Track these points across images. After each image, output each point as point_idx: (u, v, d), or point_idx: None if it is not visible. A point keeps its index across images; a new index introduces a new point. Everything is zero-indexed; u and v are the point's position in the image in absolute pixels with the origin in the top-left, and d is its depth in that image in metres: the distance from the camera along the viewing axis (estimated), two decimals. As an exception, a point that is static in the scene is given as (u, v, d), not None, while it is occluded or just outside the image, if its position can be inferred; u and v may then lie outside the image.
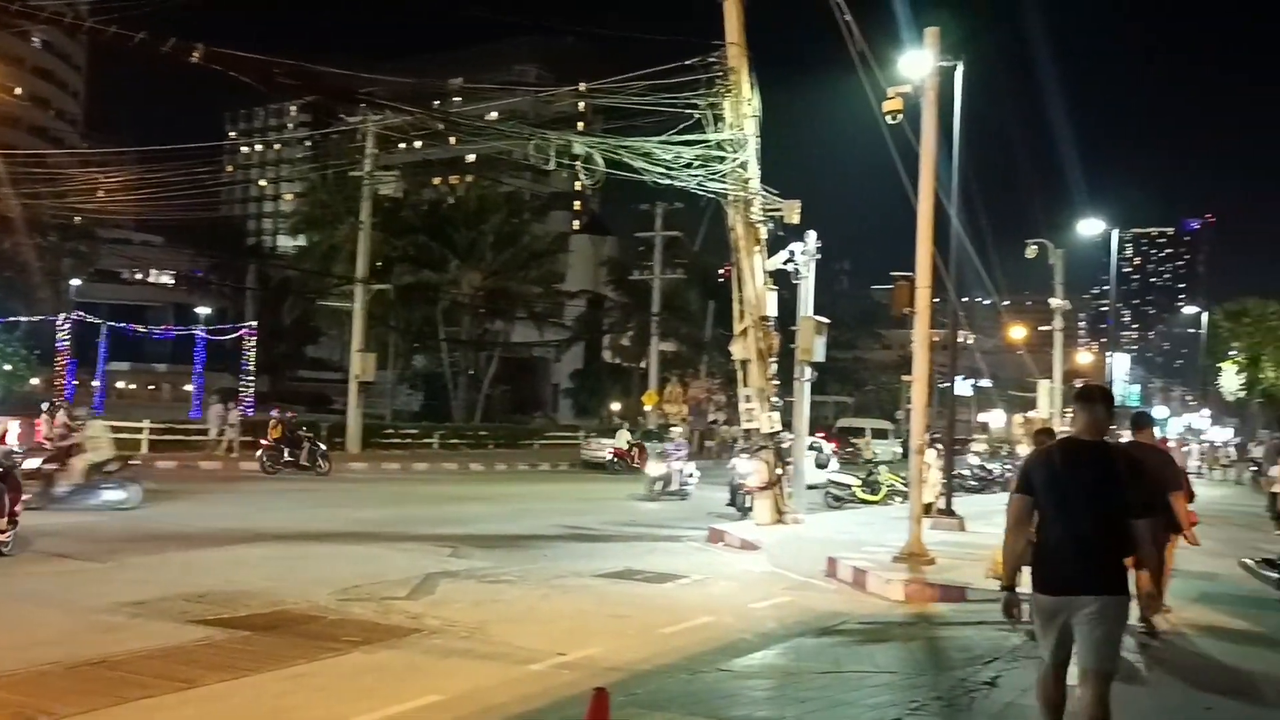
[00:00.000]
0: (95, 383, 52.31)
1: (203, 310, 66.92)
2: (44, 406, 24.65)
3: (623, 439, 35.20)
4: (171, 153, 29.90)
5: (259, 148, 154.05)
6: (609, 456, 34.44)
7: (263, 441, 26.90)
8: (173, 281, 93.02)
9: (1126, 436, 11.24)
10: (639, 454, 32.84)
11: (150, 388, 78.44)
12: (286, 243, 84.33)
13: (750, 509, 18.74)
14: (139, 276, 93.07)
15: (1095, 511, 5.17)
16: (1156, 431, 11.28)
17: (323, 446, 27.77)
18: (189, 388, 66.59)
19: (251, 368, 44.71)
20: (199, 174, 30.54)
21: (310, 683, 7.36)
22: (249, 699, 6.92)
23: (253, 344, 45.03)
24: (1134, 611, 6.24)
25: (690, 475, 24.37)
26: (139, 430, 29.54)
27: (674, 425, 26.59)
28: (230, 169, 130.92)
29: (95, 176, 34.58)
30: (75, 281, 61.54)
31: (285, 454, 26.59)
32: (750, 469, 18.67)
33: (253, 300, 66.40)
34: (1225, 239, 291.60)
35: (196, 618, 9.18)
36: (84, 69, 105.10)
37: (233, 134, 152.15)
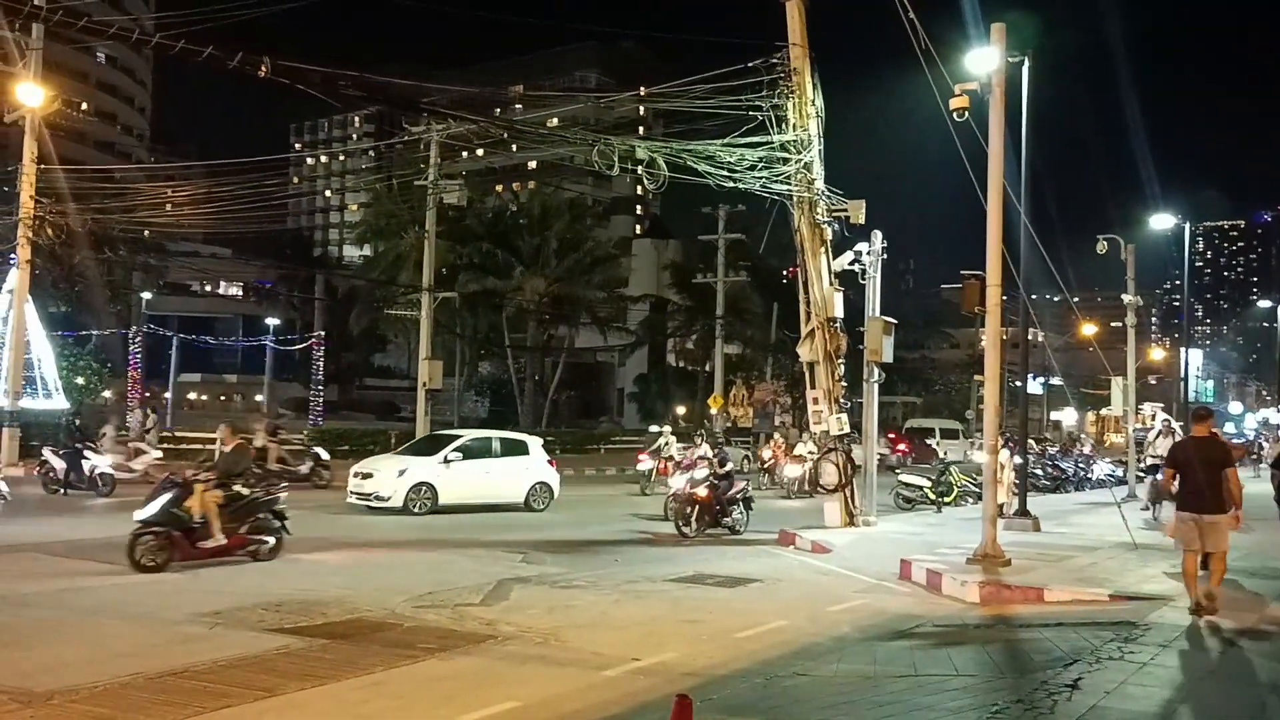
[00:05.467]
0: (166, 394, 53.53)
1: (271, 321, 67.98)
2: None
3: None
4: (238, 166, 30.43)
5: (324, 159, 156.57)
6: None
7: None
8: (241, 293, 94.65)
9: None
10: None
11: (221, 398, 79.95)
12: (353, 252, 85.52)
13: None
14: (208, 289, 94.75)
15: (1208, 472, 9.91)
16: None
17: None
18: (260, 397, 67.99)
19: (321, 377, 45.35)
20: (265, 186, 31.01)
21: (388, 690, 7.42)
22: (329, 707, 7.00)
23: (321, 354, 45.66)
24: None
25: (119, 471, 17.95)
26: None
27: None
28: (296, 180, 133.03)
29: (163, 190, 35.23)
30: (146, 295, 62.94)
31: (59, 473, 21.05)
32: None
33: (320, 310, 67.40)
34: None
35: (274, 626, 9.33)
36: (149, 83, 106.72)
37: (298, 145, 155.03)
